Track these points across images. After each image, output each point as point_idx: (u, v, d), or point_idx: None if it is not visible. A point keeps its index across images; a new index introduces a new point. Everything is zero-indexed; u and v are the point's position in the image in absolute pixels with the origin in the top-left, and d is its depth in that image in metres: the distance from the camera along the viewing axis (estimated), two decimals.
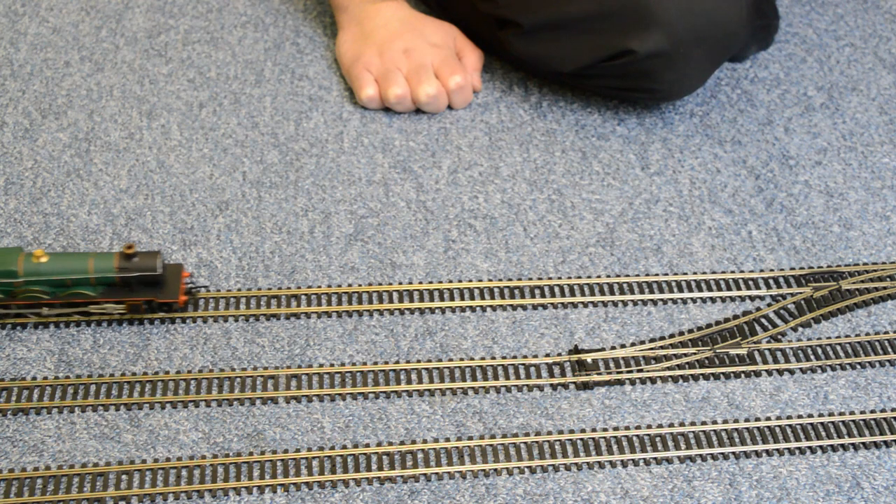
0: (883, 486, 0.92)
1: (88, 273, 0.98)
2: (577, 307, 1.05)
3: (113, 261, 0.98)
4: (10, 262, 0.97)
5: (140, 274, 0.98)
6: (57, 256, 0.98)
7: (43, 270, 0.97)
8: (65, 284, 0.98)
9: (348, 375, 0.98)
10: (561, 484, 0.91)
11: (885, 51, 1.37)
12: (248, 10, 1.38)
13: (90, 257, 0.98)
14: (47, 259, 0.97)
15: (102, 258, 0.98)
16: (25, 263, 0.97)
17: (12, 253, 0.98)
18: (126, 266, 0.98)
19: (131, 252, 0.97)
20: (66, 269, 0.97)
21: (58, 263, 0.98)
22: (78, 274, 0.98)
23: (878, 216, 1.16)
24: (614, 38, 1.15)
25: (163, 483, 0.89)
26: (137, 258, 0.98)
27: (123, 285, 0.99)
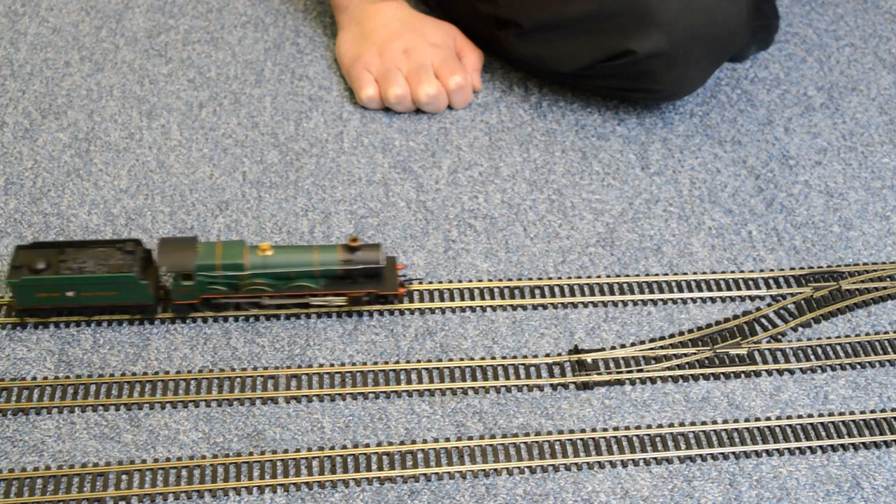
0: (883, 486, 0.92)
1: (313, 266, 0.99)
2: (577, 307, 1.05)
3: (337, 253, 0.99)
4: (236, 255, 0.98)
5: (363, 267, 0.99)
6: (281, 249, 0.99)
7: (269, 263, 0.98)
8: (288, 277, 0.99)
9: (348, 375, 0.98)
10: (561, 484, 0.91)
11: (885, 51, 1.37)
12: (248, 10, 1.38)
13: (314, 250, 0.99)
14: (272, 252, 0.98)
15: (326, 251, 0.99)
16: (251, 256, 0.98)
17: (237, 246, 0.98)
18: (350, 259, 0.99)
19: (356, 245, 0.99)
20: (291, 262, 0.99)
21: (283, 256, 0.99)
22: (302, 267, 0.98)
23: (878, 216, 1.16)
24: (614, 38, 1.15)
25: (163, 483, 0.89)
26: (361, 251, 0.99)
27: (345, 278, 1.00)
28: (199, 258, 0.97)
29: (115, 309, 1.00)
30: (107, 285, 0.97)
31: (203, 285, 0.98)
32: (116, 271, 0.96)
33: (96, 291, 0.97)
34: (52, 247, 0.99)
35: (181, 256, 0.97)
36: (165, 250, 0.97)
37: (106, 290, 0.97)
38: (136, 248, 0.98)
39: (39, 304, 0.98)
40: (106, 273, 0.96)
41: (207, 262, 0.97)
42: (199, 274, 0.97)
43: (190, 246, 0.97)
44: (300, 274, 0.99)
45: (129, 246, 0.98)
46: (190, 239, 0.98)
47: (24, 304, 0.98)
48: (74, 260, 0.97)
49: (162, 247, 0.98)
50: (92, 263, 0.97)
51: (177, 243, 0.98)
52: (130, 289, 0.97)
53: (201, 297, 0.99)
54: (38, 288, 0.96)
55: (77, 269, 0.96)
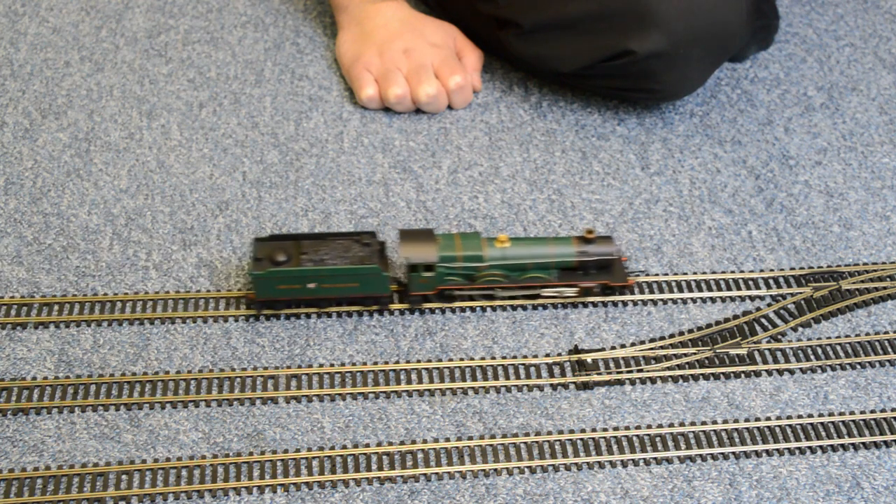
0: (883, 486, 0.92)
1: (549, 258, 1.00)
2: (577, 307, 1.05)
3: (572, 245, 1.00)
4: (476, 247, 0.99)
5: (598, 258, 1.01)
6: (517, 241, 1.01)
7: (507, 255, 1.00)
8: (524, 269, 1.01)
9: (348, 375, 0.98)
10: (561, 484, 0.91)
11: (885, 51, 1.37)
12: (248, 10, 1.38)
13: (550, 242, 1.01)
14: (510, 244, 1.00)
15: (562, 243, 1.01)
16: (490, 248, 0.99)
17: (475, 238, 1.00)
18: (585, 250, 1.00)
19: (591, 237, 1.00)
20: (528, 254, 1.00)
21: (520, 248, 1.00)
22: (539, 258, 1.00)
23: (878, 216, 1.16)
24: (614, 38, 1.15)
25: (163, 483, 0.89)
26: (596, 243, 1.01)
27: (577, 269, 1.01)
28: (441, 250, 0.99)
29: (350, 301, 1.01)
30: (349, 277, 0.98)
31: (441, 277, 1.00)
32: (359, 263, 0.98)
33: (337, 283, 0.98)
34: (287, 239, 1.00)
35: (424, 248, 0.98)
36: (407, 242, 0.99)
37: (347, 282, 0.98)
38: (373, 241, 1.00)
39: (279, 296, 0.99)
40: (349, 265, 0.98)
41: (449, 253, 0.99)
42: (440, 266, 0.99)
43: (431, 238, 0.99)
44: (536, 266, 1.01)
45: (367, 238, 1.00)
46: (428, 231, 1.00)
47: (263, 296, 0.99)
48: (315, 252, 0.98)
49: (403, 239, 0.99)
50: (333, 255, 0.98)
51: (417, 235, 0.99)
52: (372, 281, 0.99)
53: (438, 288, 1.00)
54: (281, 280, 0.98)
55: (319, 260, 0.98)
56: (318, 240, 0.99)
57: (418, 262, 0.98)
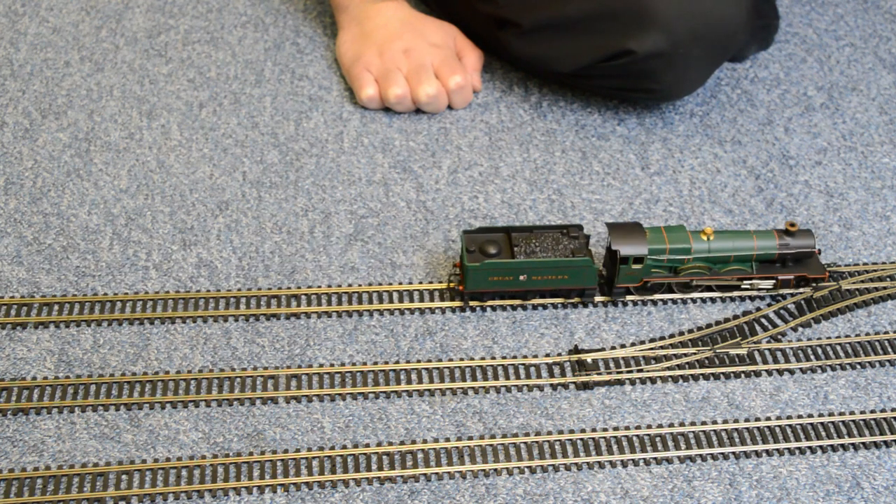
0: (883, 486, 0.92)
1: (752, 250, 1.01)
2: (577, 307, 1.05)
3: (774, 238, 1.02)
4: (684, 240, 1.01)
5: (798, 251, 1.02)
6: (721, 234, 1.02)
7: (712, 248, 1.01)
8: (726, 261, 1.02)
9: (348, 375, 0.98)
10: (561, 484, 0.91)
11: (885, 51, 1.37)
12: (248, 10, 1.38)
13: (753, 234, 1.02)
14: (714, 237, 1.01)
15: (764, 236, 1.02)
16: (696, 241, 1.01)
17: (681, 231, 1.01)
18: (786, 243, 1.02)
19: (794, 230, 1.02)
20: (732, 247, 1.01)
21: (724, 241, 1.01)
22: (742, 251, 1.01)
23: (878, 216, 1.16)
24: (614, 38, 1.15)
25: (163, 483, 0.89)
26: (797, 236, 1.02)
27: (779, 261, 1.03)
28: (650, 242, 1.00)
29: (555, 293, 1.03)
30: (561, 270, 1.00)
31: (648, 269, 1.01)
32: (572, 256, 0.99)
33: (548, 275, 1.00)
34: (496, 231, 1.02)
35: (634, 241, 1.00)
36: (618, 235, 1.00)
37: (558, 275, 1.00)
38: (580, 234, 1.02)
39: (490, 288, 1.01)
40: (562, 258, 0.99)
41: (658, 245, 1.00)
42: (649, 258, 1.00)
43: (639, 231, 1.00)
44: (738, 258, 1.02)
45: (574, 231, 1.01)
46: (636, 224, 1.01)
47: (474, 288, 1.01)
48: (525, 245, 1.00)
49: (613, 231, 1.00)
50: (544, 248, 1.00)
51: (627, 228, 1.01)
52: (582, 273, 1.00)
53: (643, 280, 1.02)
54: (495, 272, 0.99)
55: (530, 252, 0.99)
56: (526, 232, 1.01)
57: (629, 255, 1.00)
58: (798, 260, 1.04)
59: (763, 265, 1.04)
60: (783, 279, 1.04)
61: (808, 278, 1.04)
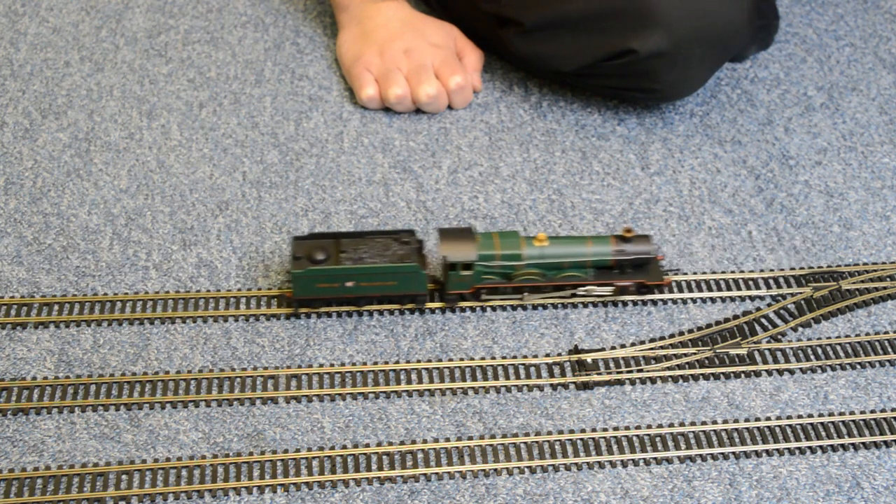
0: (883, 486, 0.92)
1: (586, 256, 1.00)
2: (577, 307, 1.05)
3: (610, 244, 1.00)
4: (515, 246, 0.99)
5: (635, 257, 1.01)
6: (555, 240, 1.00)
7: (545, 254, 1.00)
8: (560, 267, 1.00)
9: (348, 375, 0.98)
10: (561, 484, 0.91)
11: (885, 51, 1.37)
12: (248, 10, 1.38)
13: (588, 240, 1.00)
14: (548, 243, 1.00)
15: (600, 241, 1.01)
16: (528, 247, 0.99)
17: (514, 236, 1.00)
18: (622, 249, 1.00)
19: (629, 235, 1.00)
20: (566, 253, 1.00)
21: (558, 247, 1.00)
22: (576, 257, 1.00)
23: (878, 216, 1.16)
24: (615, 37, 1.15)
25: (163, 483, 0.89)
26: (634, 242, 1.00)
27: (615, 268, 1.01)
28: (480, 248, 0.99)
29: (388, 299, 1.01)
30: (388, 276, 0.98)
31: (479, 275, 1.00)
32: (399, 262, 0.98)
33: (376, 282, 0.98)
34: (326, 237, 1.00)
35: (463, 247, 0.98)
36: (447, 240, 0.99)
37: (386, 281, 0.99)
38: (412, 239, 1.00)
39: (317, 295, 0.99)
40: (389, 264, 0.98)
41: (487, 252, 0.99)
42: (479, 264, 0.99)
43: (469, 236, 0.99)
44: (573, 264, 1.01)
45: (405, 237, 1.00)
46: (467, 230, 1.00)
47: (302, 295, 0.99)
48: (354, 251, 0.98)
49: (443, 237, 0.99)
50: (372, 254, 0.98)
51: (456, 234, 0.99)
52: (410, 279, 0.99)
53: (474, 287, 1.00)
54: (321, 278, 0.98)
55: (358, 259, 0.98)
56: (357, 238, 1.00)
57: (457, 261, 0.98)
58: (639, 266, 1.02)
59: (602, 271, 1.02)
60: (621, 286, 1.02)
61: (646, 285, 1.02)
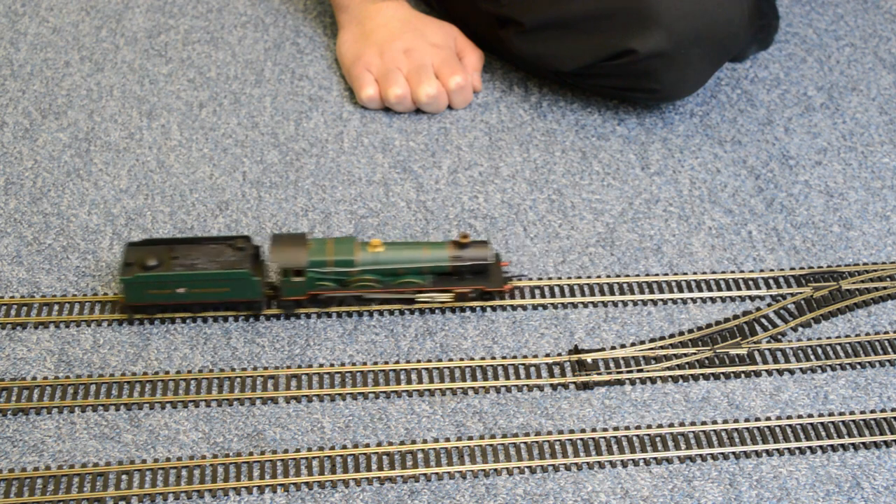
0: (883, 486, 0.92)
1: (422, 262, 0.99)
2: (577, 307, 1.05)
3: (446, 250, 1.00)
4: (347, 252, 0.98)
5: (472, 263, 1.00)
6: (391, 246, 1.00)
7: (379, 260, 0.99)
8: (396, 274, 1.00)
9: (348, 375, 0.98)
10: (561, 484, 0.91)
11: (885, 51, 1.37)
12: (248, 10, 1.38)
13: (425, 246, 1.00)
14: (383, 249, 0.99)
15: (436, 247, 1.00)
16: (362, 253, 0.98)
17: (348, 242, 0.99)
18: (459, 255, 1.00)
19: (465, 241, 0.99)
20: (400, 259, 0.99)
21: (393, 253, 0.99)
22: (412, 263, 0.99)
23: (878, 216, 1.16)
24: (615, 37, 1.15)
25: (163, 483, 0.89)
26: (470, 248, 1.00)
27: (453, 274, 1.01)
28: (311, 254, 0.98)
29: (223, 306, 1.00)
30: (219, 282, 0.97)
31: (312, 281, 0.99)
32: (229, 268, 0.97)
33: (207, 288, 0.98)
34: (162, 243, 0.99)
35: (293, 253, 0.98)
36: (277, 247, 0.98)
37: (217, 287, 0.98)
38: (247, 245, 0.99)
39: (148, 301, 0.98)
40: (219, 270, 0.97)
41: (319, 258, 0.98)
42: (310, 270, 0.98)
43: (301, 242, 0.98)
44: (409, 270, 1.00)
45: (240, 243, 0.99)
46: (300, 235, 0.99)
47: (133, 301, 0.98)
48: (186, 257, 0.97)
49: (274, 243, 0.98)
50: (204, 260, 0.97)
51: (288, 239, 0.99)
52: (242, 285, 0.98)
53: (309, 293, 1.00)
54: (151, 285, 0.97)
55: (189, 265, 0.97)
56: (191, 244, 0.98)
57: (287, 267, 0.97)
58: (479, 272, 1.01)
59: (441, 277, 1.01)
60: (460, 292, 1.01)
61: (485, 291, 1.01)
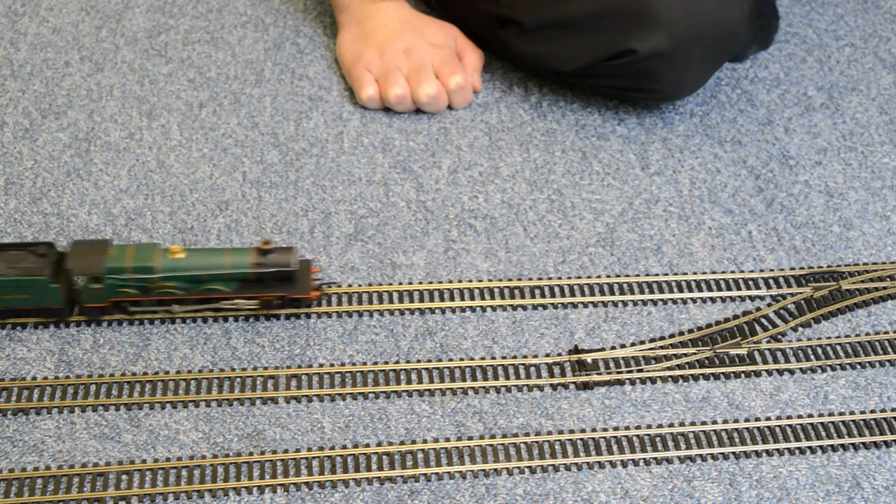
0: (883, 486, 0.92)
1: (224, 269, 0.98)
2: (577, 307, 1.05)
3: (249, 256, 0.98)
4: (147, 258, 0.97)
5: (275, 270, 0.98)
6: (194, 252, 0.98)
7: (180, 266, 0.97)
8: (199, 280, 0.98)
9: (348, 375, 0.98)
10: (561, 484, 0.91)
11: (885, 51, 1.37)
12: (248, 10, 1.38)
13: (227, 253, 0.99)
14: (184, 255, 0.98)
15: (239, 254, 0.99)
16: (163, 259, 0.97)
17: (148, 249, 0.98)
18: (262, 262, 0.98)
19: (268, 248, 0.98)
20: (202, 265, 0.98)
21: (194, 259, 0.98)
22: (214, 270, 0.98)
23: (878, 216, 1.16)
24: (616, 37, 1.15)
25: (163, 483, 0.89)
26: (274, 254, 0.99)
27: (258, 281, 0.99)
28: (109, 261, 0.96)
29: (26, 312, 0.99)
30: (18, 289, 0.96)
31: (112, 288, 0.97)
32: (27, 274, 0.95)
33: (7, 294, 0.96)
34: None
35: (91, 259, 0.96)
36: (76, 253, 0.97)
37: (17, 294, 0.96)
38: (49, 251, 0.97)
39: None
40: (17, 276, 0.95)
41: (117, 265, 0.96)
42: (109, 277, 0.96)
43: (102, 249, 0.97)
44: (212, 277, 0.98)
45: (42, 249, 0.97)
46: (102, 241, 0.98)
47: None
48: None
49: (73, 249, 0.97)
50: (3, 266, 0.96)
51: (88, 246, 0.97)
52: (42, 292, 0.96)
53: (111, 300, 0.98)
54: None
55: None
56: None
57: (83, 274, 0.96)
58: (284, 279, 0.99)
59: (246, 284, 1.00)
60: (265, 299, 1.00)
61: (290, 298, 1.00)
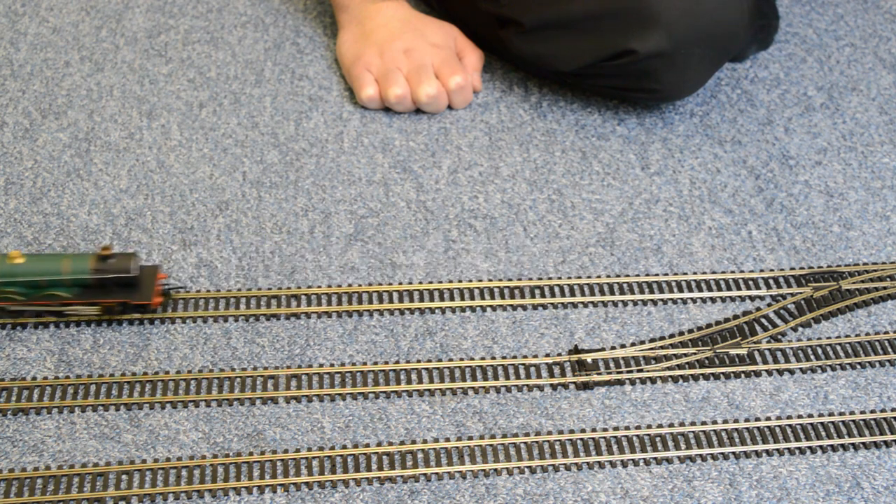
0: (883, 486, 0.92)
1: (63, 275, 0.96)
2: (577, 307, 1.05)
3: (89, 262, 0.97)
4: None
5: (115, 276, 0.97)
6: (32, 258, 0.97)
7: (17, 272, 0.96)
8: (39, 286, 0.97)
9: (348, 375, 0.98)
10: (561, 484, 0.91)
11: (885, 51, 1.37)
12: (248, 10, 1.38)
13: (66, 258, 0.97)
14: (23, 260, 0.96)
15: (78, 259, 0.97)
16: (1, 265, 0.96)
17: None
18: (101, 268, 0.97)
19: (108, 253, 0.97)
20: (40, 271, 0.96)
21: (32, 265, 0.96)
22: (53, 275, 0.96)
23: (878, 216, 1.16)
24: (616, 37, 1.15)
25: (163, 483, 0.89)
26: (113, 260, 0.97)
27: (98, 286, 0.98)
28: None
29: None
30: None
31: None
32: None
33: None
34: None
35: None
36: None
37: None
38: None
39: None
40: None
41: None
42: None
43: None
44: (51, 283, 0.97)
45: None
46: None
47: None
48: None
49: None
50: None
51: None
52: None
53: None
54: None
55: None
56: None
57: None
58: (126, 285, 0.98)
59: (87, 290, 0.98)
60: (107, 305, 0.99)
61: (131, 304, 0.99)
